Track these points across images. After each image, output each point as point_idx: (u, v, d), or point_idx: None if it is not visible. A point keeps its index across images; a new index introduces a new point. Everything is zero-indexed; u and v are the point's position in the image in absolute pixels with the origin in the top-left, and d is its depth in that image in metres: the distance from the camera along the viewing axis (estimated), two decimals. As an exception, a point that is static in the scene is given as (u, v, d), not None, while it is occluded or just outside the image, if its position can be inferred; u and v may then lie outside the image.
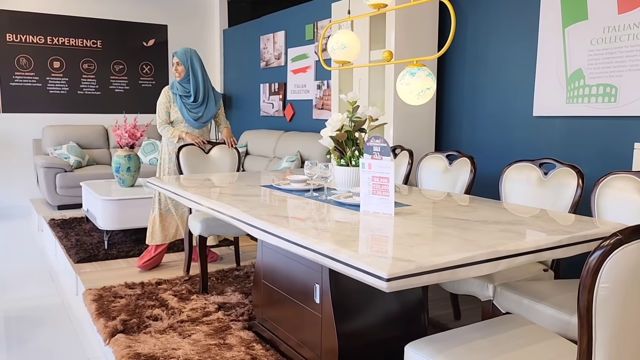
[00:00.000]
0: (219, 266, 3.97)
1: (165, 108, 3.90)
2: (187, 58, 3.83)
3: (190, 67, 3.84)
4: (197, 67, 3.85)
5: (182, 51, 3.86)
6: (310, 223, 1.93)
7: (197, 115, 3.90)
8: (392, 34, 3.82)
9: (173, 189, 2.82)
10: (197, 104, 3.88)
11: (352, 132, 2.54)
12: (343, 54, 2.45)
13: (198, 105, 3.89)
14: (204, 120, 3.92)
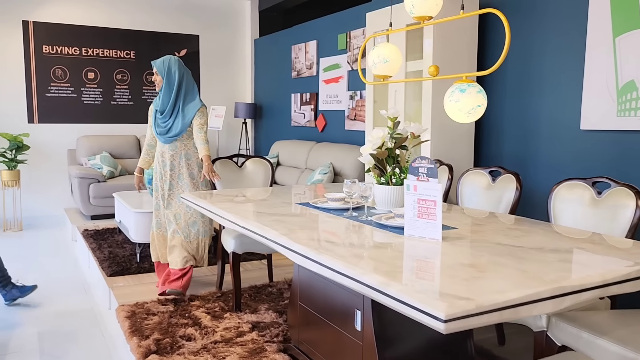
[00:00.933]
0: (252, 282, 3.89)
1: (149, 124, 3.69)
2: (165, 67, 3.50)
3: (166, 76, 3.50)
4: (174, 76, 3.49)
5: (160, 60, 3.54)
6: (353, 248, 1.83)
7: (162, 128, 3.53)
8: (430, 45, 3.70)
9: (207, 206, 2.76)
10: (164, 116, 3.53)
11: (393, 149, 2.44)
12: (384, 68, 2.35)
13: (166, 118, 3.52)
14: (171, 135, 3.50)
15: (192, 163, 3.58)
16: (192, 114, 3.50)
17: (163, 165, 3.58)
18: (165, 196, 3.60)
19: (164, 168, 3.57)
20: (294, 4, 7.30)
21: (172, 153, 3.55)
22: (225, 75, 7.73)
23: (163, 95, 3.51)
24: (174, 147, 3.54)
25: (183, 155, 3.56)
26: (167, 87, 3.51)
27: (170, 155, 3.55)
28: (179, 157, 3.56)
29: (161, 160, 3.59)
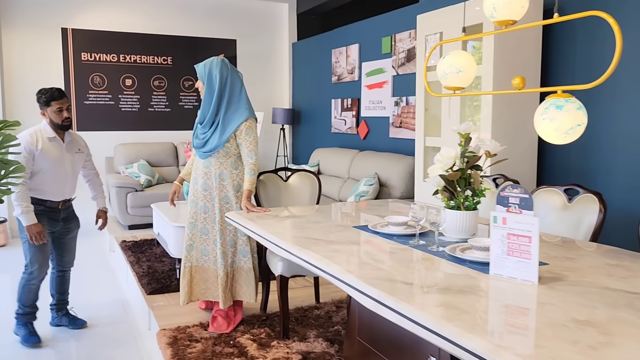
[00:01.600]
0: (297, 303, 3.67)
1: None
2: (205, 71, 3.07)
3: (206, 81, 3.07)
4: (215, 81, 3.05)
5: (202, 64, 3.12)
6: (432, 293, 1.57)
7: (199, 140, 3.11)
8: (490, 52, 3.41)
9: (255, 229, 2.54)
10: (203, 126, 3.11)
11: (465, 170, 2.17)
12: (457, 79, 2.09)
13: (205, 129, 3.09)
14: (206, 149, 3.06)
15: (227, 185, 3.08)
16: (234, 126, 3.03)
17: (194, 182, 3.17)
18: (205, 222, 3.14)
19: (195, 185, 3.16)
20: (333, 7, 7.07)
21: (205, 170, 3.10)
22: (262, 81, 7.55)
23: (203, 104, 3.10)
24: (207, 164, 3.10)
25: (217, 175, 3.08)
26: (208, 94, 3.07)
27: (203, 172, 3.11)
28: (212, 177, 3.09)
29: (194, 176, 3.19)
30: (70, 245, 3.43)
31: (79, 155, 3.32)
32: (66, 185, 3.23)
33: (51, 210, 3.18)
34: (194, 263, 3.19)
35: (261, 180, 3.48)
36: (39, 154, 3.05)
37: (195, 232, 3.17)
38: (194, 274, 3.19)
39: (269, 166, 7.63)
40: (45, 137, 3.09)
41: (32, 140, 3.03)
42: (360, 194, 4.75)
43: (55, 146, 3.14)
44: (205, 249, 3.17)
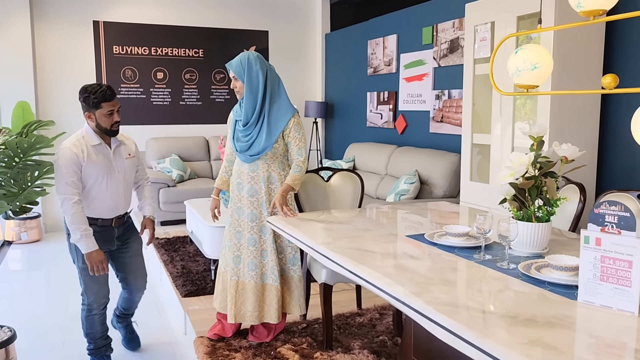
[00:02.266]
0: (338, 309, 3.49)
1: (229, 132, 3.02)
2: (244, 69, 2.78)
3: (247, 79, 2.79)
4: (257, 78, 2.79)
5: (237, 60, 2.80)
6: (516, 323, 1.38)
7: (243, 143, 2.84)
8: (550, 47, 3.15)
9: (301, 238, 2.37)
10: (247, 128, 2.85)
11: (538, 177, 1.96)
12: (531, 76, 1.86)
13: (249, 131, 2.84)
14: (253, 152, 2.82)
15: (276, 188, 2.87)
16: (282, 125, 2.82)
17: (239, 189, 2.89)
18: (252, 232, 2.87)
19: (240, 192, 2.89)
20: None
21: (252, 175, 2.86)
22: (294, 73, 7.37)
23: (246, 104, 2.81)
24: (254, 168, 2.86)
25: (265, 178, 2.85)
26: (250, 94, 2.79)
27: (249, 177, 2.86)
28: (260, 181, 2.86)
29: (237, 182, 2.91)
30: (134, 265, 2.89)
31: (131, 160, 2.80)
32: (119, 199, 2.72)
33: (103, 230, 2.69)
34: (241, 278, 2.89)
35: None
36: (85, 166, 2.58)
37: (242, 242, 2.88)
38: (241, 290, 2.89)
39: (301, 160, 7.47)
40: (89, 144, 2.61)
41: (77, 151, 2.56)
42: (400, 192, 4.54)
43: (102, 154, 2.66)
44: (253, 262, 2.86)
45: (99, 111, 2.58)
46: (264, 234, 2.87)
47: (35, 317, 3.67)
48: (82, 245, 2.54)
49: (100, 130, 2.64)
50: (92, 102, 2.56)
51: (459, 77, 4.68)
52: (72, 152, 2.56)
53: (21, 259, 5.12)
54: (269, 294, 2.88)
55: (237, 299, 2.88)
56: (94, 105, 2.57)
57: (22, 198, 2.68)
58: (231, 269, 2.90)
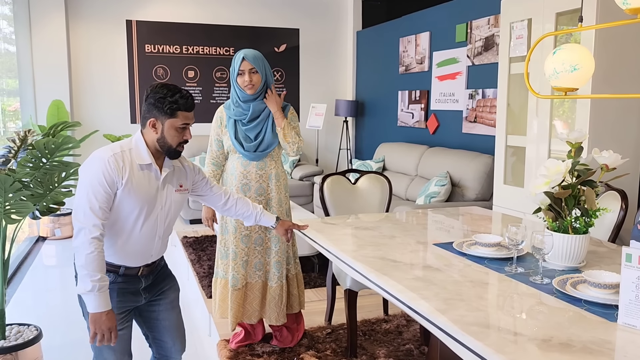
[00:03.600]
0: (364, 314, 3.42)
1: (216, 135, 2.81)
2: (262, 63, 2.70)
3: (266, 73, 2.72)
4: (270, 73, 2.75)
5: (253, 55, 2.67)
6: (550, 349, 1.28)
7: (251, 142, 2.72)
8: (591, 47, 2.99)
9: (325, 244, 2.30)
10: (255, 125, 2.74)
11: (576, 186, 1.83)
12: (571, 79, 1.74)
13: (258, 128, 2.74)
14: (263, 149, 2.74)
15: (280, 185, 2.81)
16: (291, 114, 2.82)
17: (245, 190, 2.75)
18: (259, 232, 2.79)
19: (247, 192, 2.75)
20: (401, -8, 6.69)
21: (260, 173, 2.76)
22: (325, 71, 7.30)
23: (258, 99, 2.73)
24: (262, 166, 2.76)
25: (273, 175, 2.79)
26: (263, 88, 2.72)
27: (257, 175, 2.75)
28: (269, 178, 2.78)
29: (242, 182, 2.75)
30: (170, 322, 2.10)
31: (181, 195, 2.02)
32: (155, 244, 1.97)
33: (126, 281, 1.95)
34: (249, 279, 2.82)
35: (328, 183, 3.23)
36: (122, 192, 1.82)
37: (250, 244, 2.79)
38: (248, 292, 2.82)
39: (331, 159, 7.40)
40: (135, 162, 1.86)
41: (116, 167, 1.81)
42: (430, 194, 4.42)
43: (148, 180, 1.89)
44: (260, 261, 2.81)
45: (170, 121, 1.85)
46: (269, 232, 2.81)
47: (67, 312, 3.72)
48: (90, 302, 1.76)
49: (158, 147, 1.89)
50: (167, 107, 1.84)
51: (493, 76, 4.52)
52: (109, 167, 1.79)
53: (55, 255, 5.22)
54: (270, 295, 2.82)
55: (244, 300, 2.80)
56: (168, 112, 1.85)
57: (49, 199, 2.70)
58: (242, 276, 2.77)
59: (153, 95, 1.85)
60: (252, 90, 2.68)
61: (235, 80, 2.71)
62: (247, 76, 2.65)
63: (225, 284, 2.85)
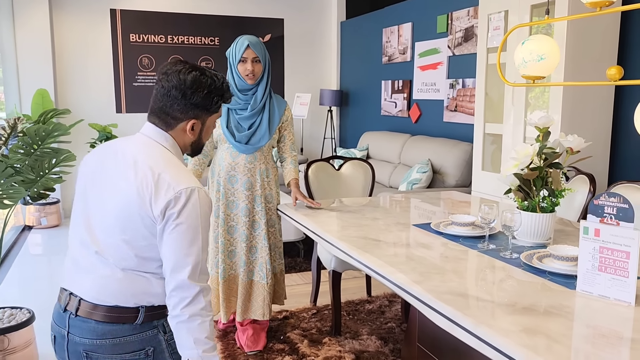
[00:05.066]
0: (348, 296, 3.55)
1: None
2: (264, 50, 2.63)
3: (268, 63, 2.67)
4: (270, 63, 2.71)
5: (257, 41, 2.61)
6: (513, 312, 1.41)
7: (244, 132, 2.63)
8: (563, 36, 3.12)
9: (309, 226, 2.41)
10: (252, 115, 2.66)
11: (543, 168, 1.97)
12: (538, 67, 1.87)
13: (253, 119, 2.66)
14: (255, 142, 2.66)
15: (271, 181, 2.76)
16: (280, 115, 2.73)
17: (232, 182, 2.68)
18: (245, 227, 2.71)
19: (234, 184, 2.68)
20: (384, -17, 6.78)
21: (249, 167, 2.68)
22: (309, 61, 7.38)
23: (258, 89, 2.66)
24: (252, 160, 2.68)
25: (263, 170, 2.73)
26: (266, 78, 2.66)
27: (246, 169, 2.67)
28: (257, 173, 2.71)
29: (230, 174, 2.67)
30: None
31: None
32: None
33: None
34: (237, 271, 2.76)
35: (312, 169, 3.34)
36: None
37: (236, 236, 2.73)
38: (233, 285, 2.77)
39: (316, 148, 7.50)
40: None
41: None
42: (412, 181, 4.55)
43: None
44: (242, 258, 2.72)
45: (212, 117, 1.50)
46: (255, 230, 2.73)
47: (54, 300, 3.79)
48: None
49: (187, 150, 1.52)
50: (216, 104, 1.46)
51: (473, 66, 4.65)
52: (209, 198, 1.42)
53: (41, 244, 5.26)
54: (257, 292, 2.76)
55: (229, 293, 2.77)
56: (214, 109, 1.47)
57: (40, 185, 2.77)
58: (227, 264, 2.73)
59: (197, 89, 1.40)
60: (253, 80, 2.61)
61: (235, 67, 2.61)
62: (249, 65, 2.57)
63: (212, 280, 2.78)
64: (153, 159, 1.38)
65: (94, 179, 1.44)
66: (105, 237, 1.37)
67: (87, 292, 1.38)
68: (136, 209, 1.33)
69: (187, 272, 1.32)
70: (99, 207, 1.40)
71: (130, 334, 1.37)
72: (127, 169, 1.38)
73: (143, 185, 1.33)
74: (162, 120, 1.45)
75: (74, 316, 1.38)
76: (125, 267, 1.36)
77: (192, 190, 1.33)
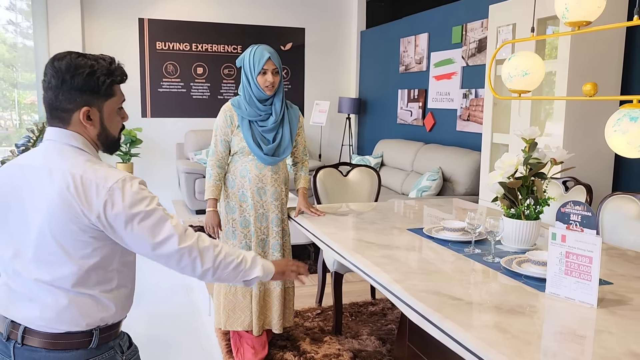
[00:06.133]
0: (353, 297, 3.67)
1: (223, 135, 2.65)
2: (281, 63, 2.65)
3: (282, 76, 2.69)
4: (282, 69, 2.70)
5: (276, 53, 2.64)
6: (482, 311, 1.52)
7: (270, 144, 2.63)
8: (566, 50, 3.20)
9: (310, 228, 2.55)
10: (274, 127, 2.65)
11: (528, 177, 2.06)
12: (522, 82, 1.97)
13: (275, 130, 2.66)
14: (281, 152, 2.68)
15: (287, 189, 2.81)
16: (296, 121, 2.75)
17: (261, 194, 2.68)
18: (277, 237, 2.72)
19: (263, 196, 2.68)
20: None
21: (275, 177, 2.69)
22: (329, 69, 7.54)
23: (275, 100, 2.65)
24: (277, 170, 2.71)
25: (285, 179, 2.78)
26: (281, 89, 2.68)
27: (273, 180, 2.69)
28: (282, 183, 2.74)
29: (258, 186, 2.66)
30: None
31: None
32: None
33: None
34: (266, 285, 2.74)
35: (320, 175, 3.48)
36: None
37: (267, 249, 2.73)
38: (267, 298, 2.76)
39: (334, 155, 7.64)
40: None
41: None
42: (422, 189, 4.65)
43: None
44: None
45: (110, 102, 1.37)
46: (284, 237, 2.79)
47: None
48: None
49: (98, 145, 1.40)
50: (103, 83, 1.34)
51: (485, 76, 4.73)
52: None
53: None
54: (288, 299, 2.82)
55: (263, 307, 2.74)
56: (106, 92, 1.35)
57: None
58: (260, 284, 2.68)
59: (74, 74, 1.29)
60: (272, 91, 2.60)
61: (254, 78, 2.58)
62: (270, 76, 2.56)
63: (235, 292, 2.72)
64: (69, 162, 1.28)
65: (8, 203, 1.32)
66: (40, 260, 1.28)
67: (32, 321, 1.29)
68: (67, 217, 1.25)
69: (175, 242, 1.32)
70: (24, 231, 1.29)
71: (85, 359, 1.31)
72: (41, 181, 1.27)
73: (67, 192, 1.24)
74: (57, 117, 1.33)
75: (19, 346, 1.30)
76: (68, 288, 1.28)
77: (122, 180, 1.28)
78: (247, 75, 2.63)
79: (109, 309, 1.33)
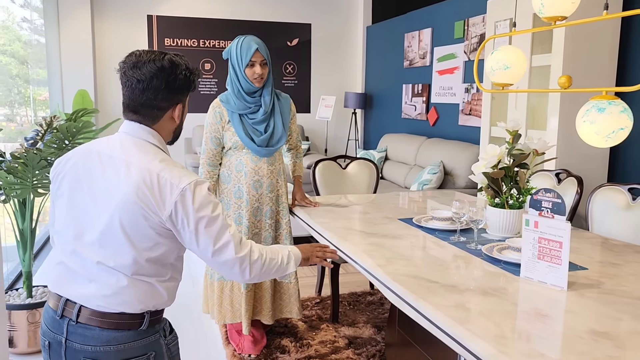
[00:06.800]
0: (352, 288, 3.76)
1: (214, 132, 2.64)
2: (268, 54, 2.60)
3: (270, 64, 2.64)
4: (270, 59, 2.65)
5: (263, 44, 2.58)
6: (457, 293, 1.60)
7: (263, 136, 2.60)
8: (561, 42, 3.24)
9: (304, 218, 2.64)
10: (265, 118, 2.63)
11: (511, 168, 2.14)
12: (504, 75, 2.04)
13: (267, 121, 2.64)
14: (275, 142, 2.64)
15: (286, 179, 2.81)
16: (288, 110, 2.72)
17: (257, 187, 2.65)
18: (270, 229, 2.72)
19: (259, 189, 2.65)
20: (409, -11, 6.94)
21: (271, 169, 2.68)
22: (335, 64, 7.61)
23: (264, 91, 2.62)
24: (272, 161, 2.69)
25: (281, 170, 2.75)
26: (270, 80, 2.65)
27: (269, 171, 2.67)
28: (277, 174, 2.72)
29: (254, 179, 2.64)
30: None
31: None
32: None
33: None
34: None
35: (319, 168, 3.57)
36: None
37: (259, 242, 2.72)
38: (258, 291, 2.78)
39: (340, 149, 7.72)
40: None
41: None
42: (423, 182, 4.72)
43: None
44: None
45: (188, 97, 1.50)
46: (278, 230, 2.78)
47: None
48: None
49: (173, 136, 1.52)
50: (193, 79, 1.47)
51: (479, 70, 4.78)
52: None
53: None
54: (285, 292, 2.83)
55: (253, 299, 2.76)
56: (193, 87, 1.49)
57: (71, 176, 3.09)
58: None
59: (176, 74, 1.39)
60: (261, 83, 2.57)
61: (242, 71, 2.55)
62: (258, 68, 2.53)
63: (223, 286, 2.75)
64: (146, 159, 1.34)
65: (79, 185, 1.37)
66: (104, 246, 1.33)
67: (90, 300, 1.34)
68: (139, 212, 1.30)
69: (232, 251, 1.38)
70: (93, 215, 1.34)
71: (134, 339, 1.36)
72: (117, 172, 1.33)
73: (144, 188, 1.30)
74: (147, 115, 1.39)
75: (74, 323, 1.34)
76: (129, 274, 1.33)
77: (195, 182, 1.33)
78: (234, 67, 2.60)
79: (162, 296, 1.39)
